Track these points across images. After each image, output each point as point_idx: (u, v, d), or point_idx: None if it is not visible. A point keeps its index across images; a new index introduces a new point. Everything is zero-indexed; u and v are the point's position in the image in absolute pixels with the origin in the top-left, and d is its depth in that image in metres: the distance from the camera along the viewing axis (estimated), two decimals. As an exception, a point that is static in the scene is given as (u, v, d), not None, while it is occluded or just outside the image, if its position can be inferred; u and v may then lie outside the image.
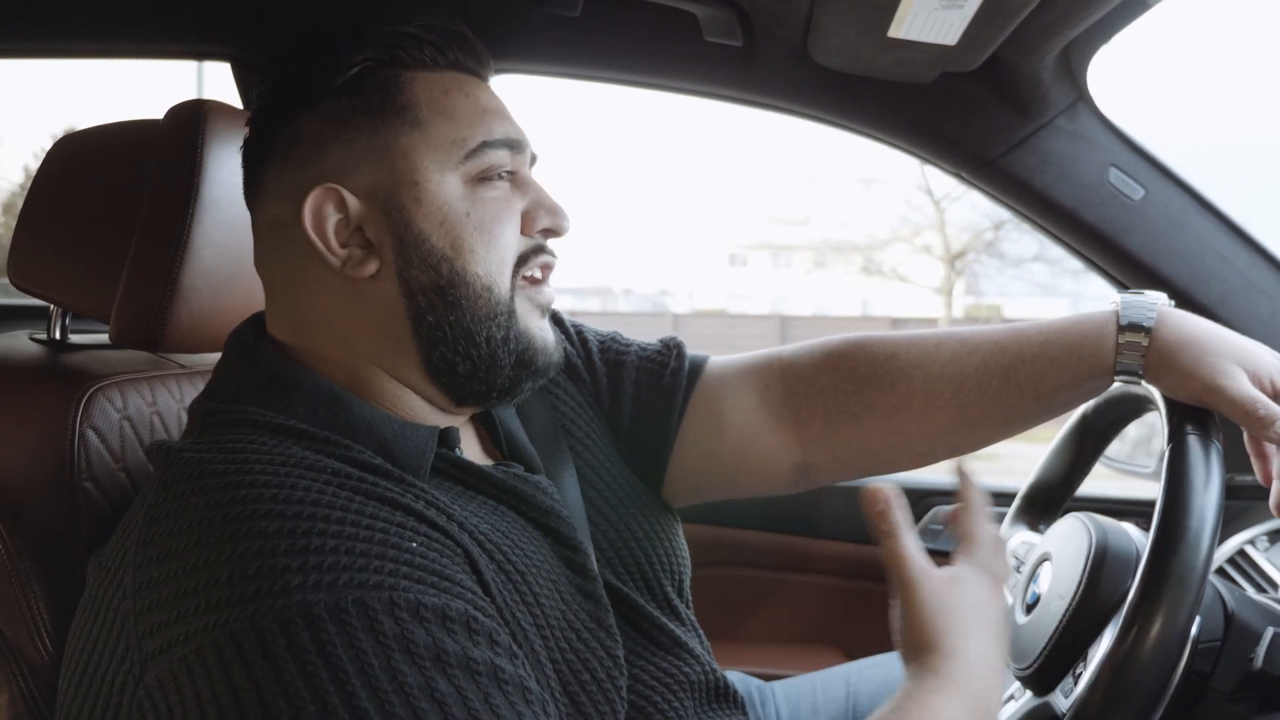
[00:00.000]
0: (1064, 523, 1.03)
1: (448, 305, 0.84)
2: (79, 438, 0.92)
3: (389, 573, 0.67)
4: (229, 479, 0.71)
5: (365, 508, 0.71)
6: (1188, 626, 0.81)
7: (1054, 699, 0.95)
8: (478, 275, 0.84)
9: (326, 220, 0.83)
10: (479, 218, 0.85)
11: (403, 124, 0.84)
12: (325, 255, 0.83)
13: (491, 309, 0.85)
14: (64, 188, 1.04)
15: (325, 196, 0.83)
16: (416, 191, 0.83)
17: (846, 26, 1.20)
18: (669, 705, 0.90)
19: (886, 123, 1.48)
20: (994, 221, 13.88)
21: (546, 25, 1.41)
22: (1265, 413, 0.88)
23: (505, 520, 0.84)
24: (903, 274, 16.05)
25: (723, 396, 1.06)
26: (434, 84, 0.87)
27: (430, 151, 0.84)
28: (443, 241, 0.84)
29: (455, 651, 0.65)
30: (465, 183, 0.85)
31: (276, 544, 0.66)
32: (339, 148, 0.84)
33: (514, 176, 0.89)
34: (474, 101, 0.88)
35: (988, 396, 1.00)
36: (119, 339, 0.98)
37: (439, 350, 0.85)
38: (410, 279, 0.84)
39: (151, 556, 0.70)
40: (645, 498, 1.03)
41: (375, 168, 0.84)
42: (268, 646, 0.63)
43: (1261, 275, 1.47)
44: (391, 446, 0.81)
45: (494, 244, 0.85)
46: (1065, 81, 1.39)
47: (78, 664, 0.73)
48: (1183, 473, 0.85)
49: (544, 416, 1.01)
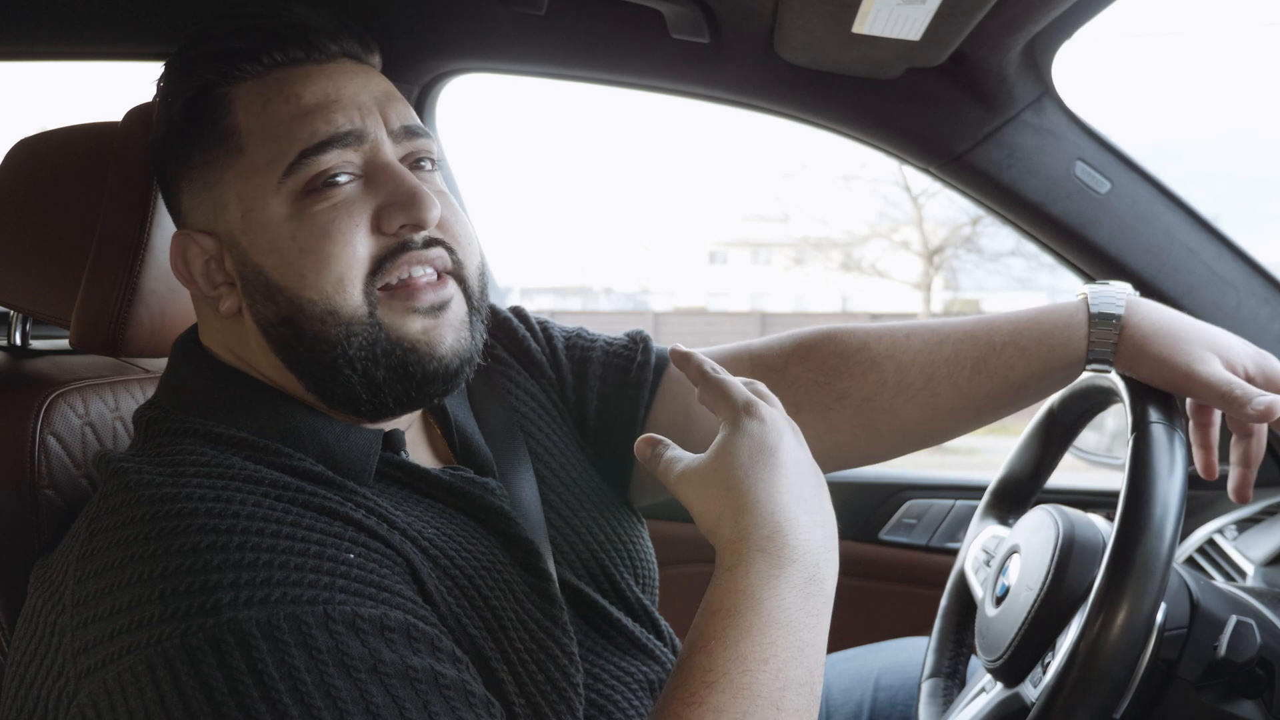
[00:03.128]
0: (1032, 515, 1.03)
1: (297, 336, 0.80)
2: (39, 444, 0.91)
3: (324, 586, 0.67)
4: (165, 491, 0.71)
5: (302, 519, 0.71)
6: (1154, 612, 0.81)
7: (1024, 689, 0.95)
8: (313, 301, 0.79)
9: (192, 264, 0.83)
10: (304, 239, 0.79)
11: (227, 153, 0.81)
12: (201, 297, 0.84)
13: (340, 332, 0.79)
14: (21, 192, 1.03)
15: (185, 242, 0.84)
16: (244, 224, 0.80)
17: (811, 23, 1.21)
18: (629, 704, 0.90)
19: (854, 119, 1.48)
20: (971, 217, 13.99)
21: (512, 24, 1.41)
22: (1242, 393, 0.89)
23: (453, 524, 0.83)
24: (882, 270, 16.13)
25: (690, 389, 1.05)
26: (254, 95, 0.81)
27: (251, 176, 0.80)
28: (276, 272, 0.79)
29: (393, 661, 0.65)
30: (292, 202, 0.79)
31: (209, 559, 0.66)
32: (186, 191, 0.84)
33: (362, 172, 0.81)
34: (295, 104, 0.81)
35: (959, 386, 1.00)
36: (79, 344, 0.97)
37: (312, 376, 0.82)
38: (258, 314, 0.81)
39: (90, 571, 0.70)
40: (606, 497, 1.02)
41: (213, 207, 0.82)
42: (199, 666, 0.62)
43: (1227, 267, 1.48)
44: (334, 451, 0.80)
45: (324, 264, 0.78)
46: (1030, 76, 1.40)
47: (17, 675, 0.73)
48: (1147, 461, 0.86)
49: (501, 415, 1.00)
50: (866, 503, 1.85)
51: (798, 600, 0.71)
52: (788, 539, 0.73)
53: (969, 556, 1.17)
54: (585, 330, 1.11)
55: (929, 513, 1.86)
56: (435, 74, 1.58)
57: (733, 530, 0.73)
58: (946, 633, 1.20)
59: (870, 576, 1.81)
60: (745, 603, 0.70)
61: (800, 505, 0.75)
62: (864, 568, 1.82)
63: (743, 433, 0.77)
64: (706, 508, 0.76)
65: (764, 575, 0.71)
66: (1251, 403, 0.89)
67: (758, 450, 0.76)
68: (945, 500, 1.85)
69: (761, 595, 0.70)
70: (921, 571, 1.80)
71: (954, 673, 1.18)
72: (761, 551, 0.72)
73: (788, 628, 0.70)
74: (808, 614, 0.71)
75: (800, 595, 0.71)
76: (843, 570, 1.97)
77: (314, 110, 0.80)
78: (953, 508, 1.84)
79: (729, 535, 0.73)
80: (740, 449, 0.76)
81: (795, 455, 0.78)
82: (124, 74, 1.62)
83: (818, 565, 0.73)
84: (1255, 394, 0.89)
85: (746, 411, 0.78)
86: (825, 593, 0.73)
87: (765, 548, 0.72)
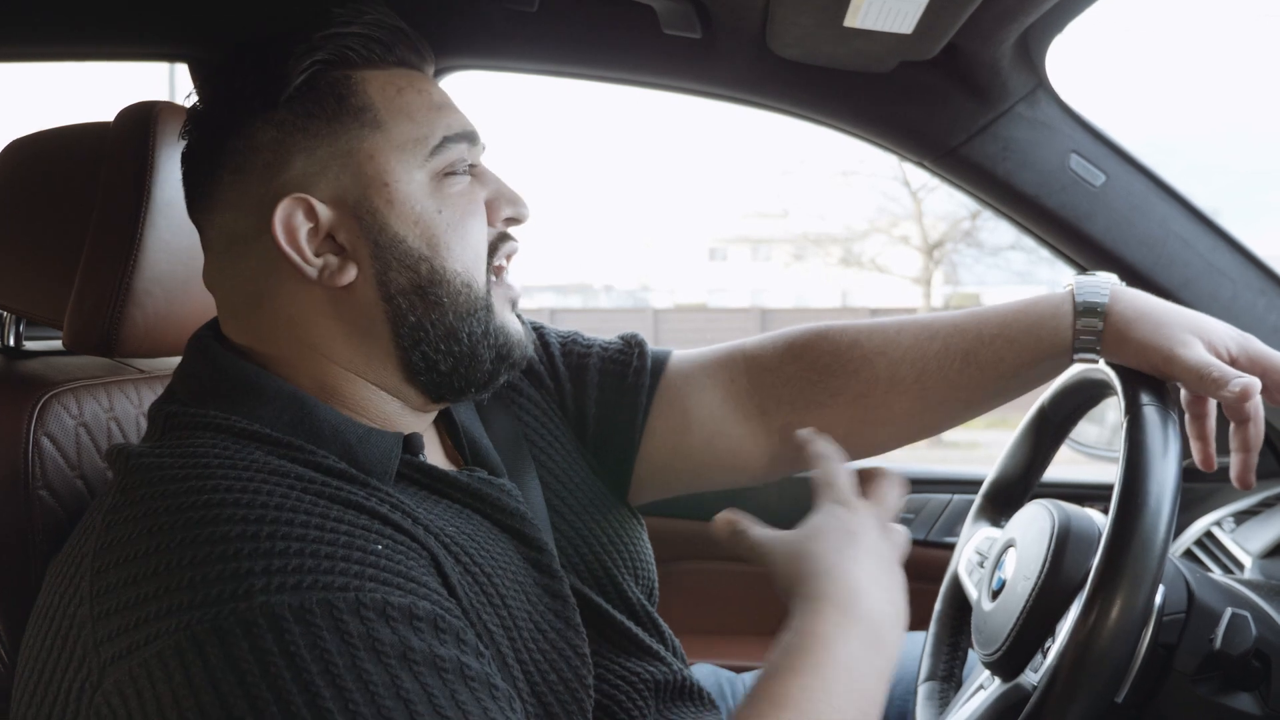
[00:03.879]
0: (1027, 509, 1.03)
1: (429, 305, 0.84)
2: (33, 446, 0.91)
3: (354, 574, 0.66)
4: (190, 483, 0.70)
5: (329, 511, 0.71)
6: (1153, 589, 0.81)
7: (1024, 678, 0.95)
8: (456, 272, 0.85)
9: (298, 231, 0.81)
10: (450, 214, 0.85)
11: (362, 126, 0.84)
12: (302, 267, 0.82)
13: (472, 304, 0.86)
14: (14, 193, 1.03)
15: (294, 207, 0.81)
16: (387, 193, 0.83)
17: (803, 17, 1.20)
18: (633, 705, 0.91)
19: (848, 113, 1.48)
20: (970, 211, 13.98)
21: (504, 20, 1.41)
22: (1219, 374, 0.90)
23: (470, 523, 0.84)
24: (881, 265, 16.13)
25: (688, 392, 1.06)
26: (386, 82, 0.86)
27: (394, 151, 0.84)
28: (419, 241, 0.83)
29: (422, 650, 0.65)
30: (432, 180, 0.85)
31: (239, 547, 0.66)
32: (300, 155, 0.83)
33: (474, 169, 0.89)
34: (426, 97, 0.87)
35: (950, 379, 1.01)
36: (73, 345, 0.97)
37: (420, 350, 0.85)
38: (389, 282, 0.83)
39: (110, 561, 0.69)
40: (609, 502, 1.03)
41: (341, 172, 0.83)
42: (230, 648, 0.62)
43: (1223, 258, 1.48)
44: (356, 451, 0.81)
45: (468, 239, 0.85)
46: (1024, 68, 1.40)
47: (32, 673, 0.72)
48: (1141, 441, 0.86)
49: (507, 424, 1.01)
50: (864, 498, 1.85)
51: (862, 651, 0.76)
52: (859, 601, 0.79)
53: (962, 559, 1.17)
54: (580, 335, 1.11)
55: (927, 507, 1.86)
56: (429, 72, 1.58)
57: (809, 589, 0.80)
58: (942, 636, 1.20)
59: (868, 571, 1.81)
60: (816, 643, 0.76)
61: (874, 583, 0.81)
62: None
63: (833, 515, 0.86)
64: (787, 569, 0.82)
65: (835, 623, 0.77)
66: (1229, 383, 0.89)
67: (843, 532, 0.84)
68: (943, 495, 1.85)
69: (831, 638, 0.76)
70: (919, 566, 1.78)
71: (950, 675, 1.18)
72: (835, 605, 0.78)
73: (852, 671, 0.75)
74: (870, 665, 0.77)
75: (865, 647, 0.77)
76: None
77: (443, 107, 0.88)
78: (950, 502, 1.85)
79: (805, 593, 0.80)
80: (828, 528, 0.85)
81: (878, 546, 0.85)
82: (116, 74, 1.61)
83: (884, 629, 0.79)
84: (1233, 374, 0.90)
85: (842, 500, 0.87)
86: (888, 654, 0.78)
87: (838, 603, 0.78)
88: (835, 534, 0.83)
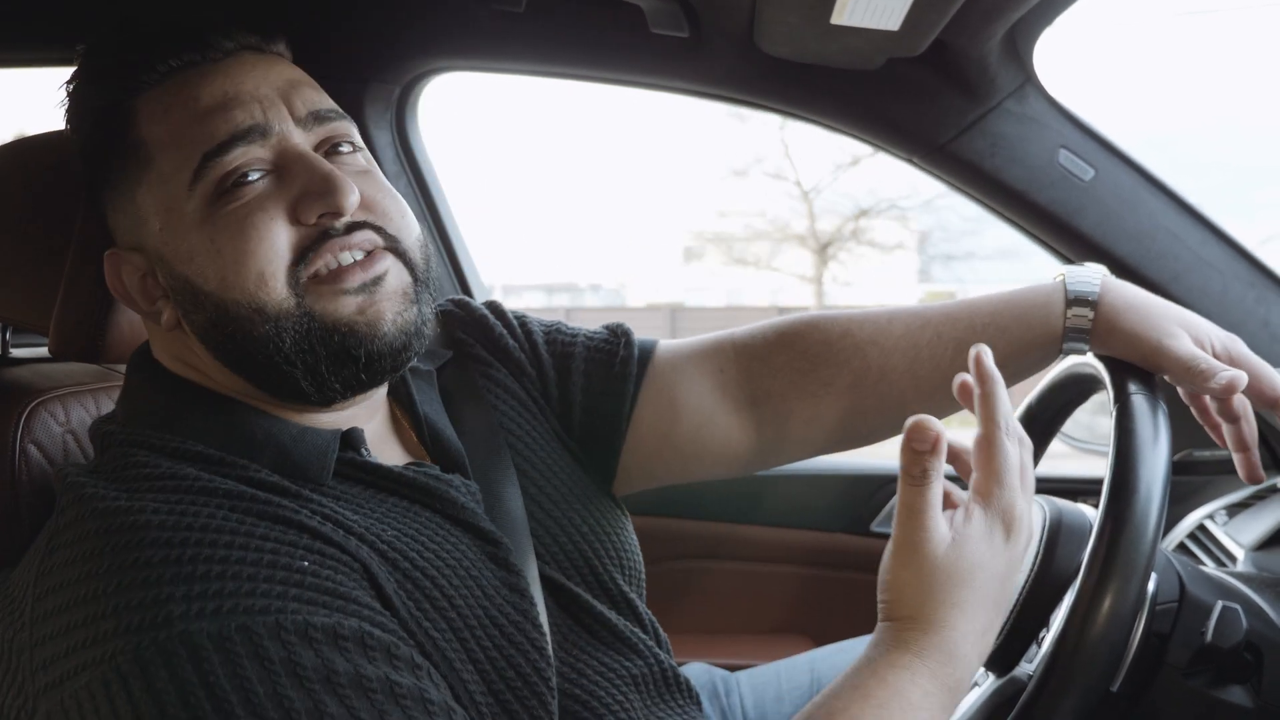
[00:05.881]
0: (1018, 505, 1.03)
1: (230, 338, 0.80)
2: (20, 453, 0.91)
3: (277, 595, 0.66)
4: (118, 505, 0.71)
5: (256, 529, 0.70)
6: (1146, 574, 0.81)
7: (1020, 669, 0.95)
8: (237, 302, 0.78)
9: (126, 282, 0.84)
10: (220, 241, 0.78)
11: (138, 166, 0.81)
12: (144, 312, 0.85)
13: (270, 328, 0.79)
14: (-3, 199, 1.02)
15: (113, 261, 0.84)
16: (163, 236, 0.80)
17: (790, 15, 1.20)
18: (613, 699, 0.90)
19: (836, 110, 1.48)
20: (858, 210, 14.11)
21: (492, 22, 1.41)
22: (1206, 366, 0.91)
23: (417, 521, 0.83)
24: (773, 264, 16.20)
25: (676, 382, 1.05)
26: (155, 105, 0.81)
27: (162, 187, 0.80)
28: (199, 278, 0.79)
29: (346, 671, 0.65)
30: (205, 206, 0.79)
31: (161, 573, 0.66)
32: (108, 209, 0.84)
33: (273, 165, 0.80)
34: (193, 107, 0.80)
35: (942, 368, 1.01)
36: (58, 351, 0.96)
37: (257, 374, 0.81)
38: (193, 323, 0.81)
39: (47, 588, 0.69)
40: (590, 492, 1.02)
41: (134, 223, 0.82)
42: (151, 680, 0.62)
43: (1212, 251, 1.48)
44: (291, 453, 0.80)
45: (242, 263, 0.78)
46: (1012, 64, 1.40)
47: None
48: (1131, 429, 0.86)
49: (480, 414, 0.99)
50: (858, 495, 1.85)
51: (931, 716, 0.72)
52: (953, 669, 0.73)
53: None
54: (564, 324, 1.10)
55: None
56: (416, 74, 1.58)
57: (907, 635, 0.73)
58: None
59: (861, 569, 1.81)
60: (889, 694, 0.71)
61: (977, 639, 0.75)
62: (855, 559, 1.82)
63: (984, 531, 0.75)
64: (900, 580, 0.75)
65: (924, 691, 0.72)
66: (1216, 376, 0.90)
67: (978, 566, 0.75)
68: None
69: (906, 694, 0.71)
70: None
71: None
72: (927, 668, 0.72)
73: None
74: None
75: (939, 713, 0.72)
76: (834, 563, 1.97)
77: (212, 110, 0.79)
78: (944, 498, 1.84)
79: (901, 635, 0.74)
80: (965, 556, 0.75)
81: (1008, 576, 0.77)
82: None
83: (963, 689, 0.74)
84: (1220, 368, 0.90)
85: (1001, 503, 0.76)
86: (956, 700, 0.74)
87: (932, 668, 0.72)
88: (965, 574, 0.74)
